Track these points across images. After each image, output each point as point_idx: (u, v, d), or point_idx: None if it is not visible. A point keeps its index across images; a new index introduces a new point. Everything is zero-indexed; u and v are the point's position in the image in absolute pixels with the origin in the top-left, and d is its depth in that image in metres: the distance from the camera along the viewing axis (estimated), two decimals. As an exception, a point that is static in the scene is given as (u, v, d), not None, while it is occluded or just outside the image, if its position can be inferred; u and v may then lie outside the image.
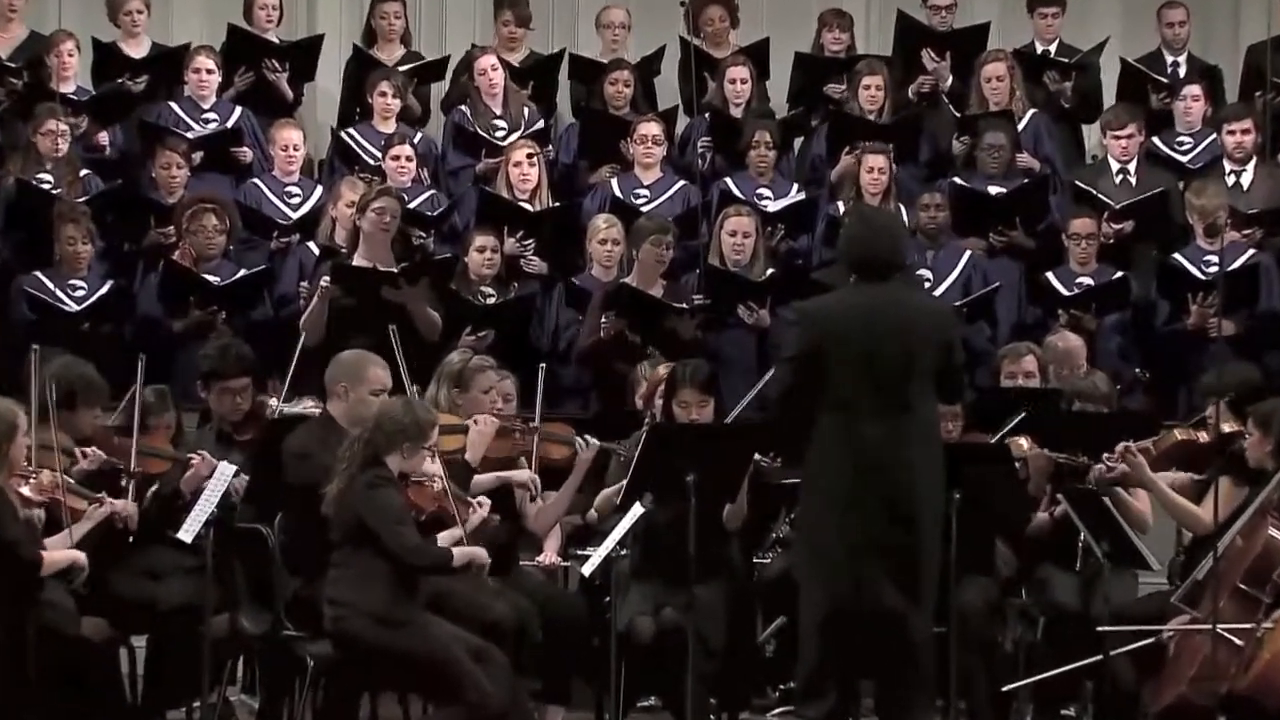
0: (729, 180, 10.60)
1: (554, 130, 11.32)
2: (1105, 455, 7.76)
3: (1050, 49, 11.35)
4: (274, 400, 8.05)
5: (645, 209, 10.31)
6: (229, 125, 10.79)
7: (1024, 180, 10.53)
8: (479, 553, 7.20)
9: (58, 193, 10.04)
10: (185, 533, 7.39)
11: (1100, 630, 7.49)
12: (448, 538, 7.26)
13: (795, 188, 10.65)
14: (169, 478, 7.65)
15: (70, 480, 7.23)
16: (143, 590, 7.55)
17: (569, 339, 9.75)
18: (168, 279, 9.69)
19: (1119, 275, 10.01)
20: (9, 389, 7.29)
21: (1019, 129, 10.75)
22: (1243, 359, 9.07)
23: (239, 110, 10.89)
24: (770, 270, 9.87)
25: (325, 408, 7.66)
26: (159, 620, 7.57)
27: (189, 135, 10.59)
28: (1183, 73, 11.23)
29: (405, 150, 10.34)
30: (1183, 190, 10.37)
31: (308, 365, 8.63)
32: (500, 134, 10.83)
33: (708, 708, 7.73)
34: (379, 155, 10.51)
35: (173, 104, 10.89)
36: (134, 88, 10.89)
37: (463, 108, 11.02)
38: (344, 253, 9.23)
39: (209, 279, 9.63)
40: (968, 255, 10.18)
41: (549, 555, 8.18)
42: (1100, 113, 11.00)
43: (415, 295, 8.95)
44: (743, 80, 11.01)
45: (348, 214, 9.52)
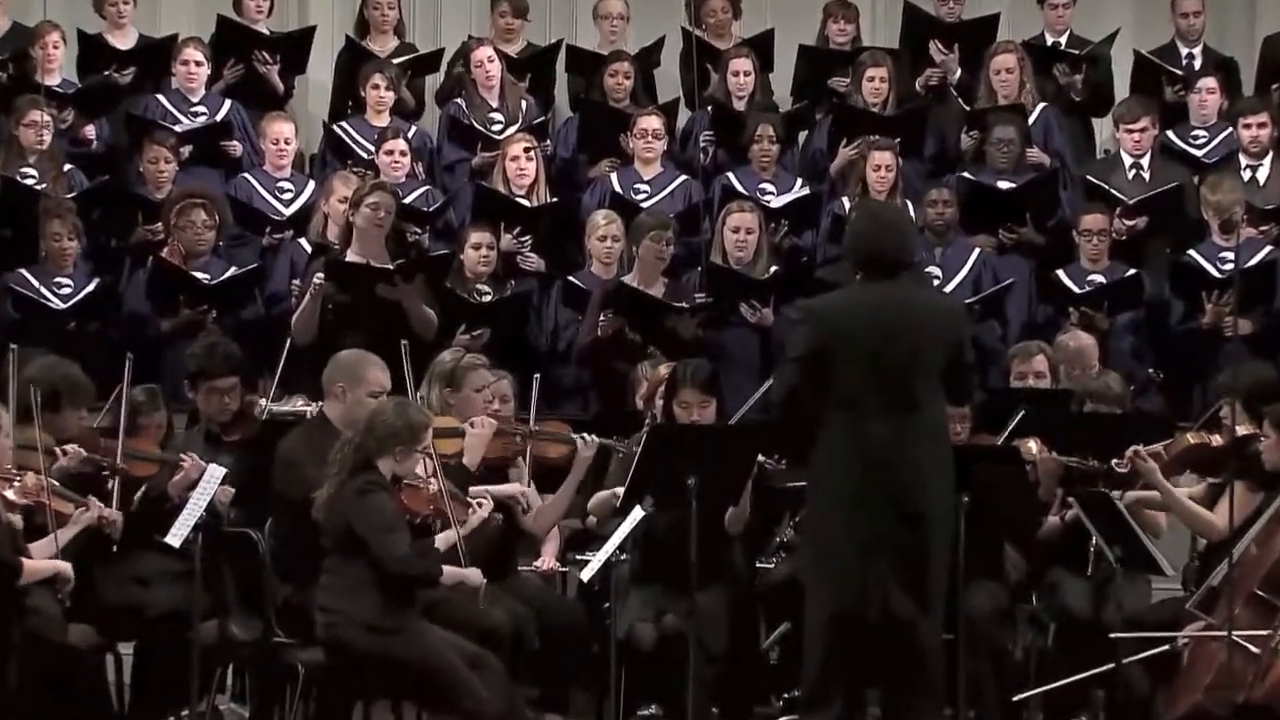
0: (731, 175, 10.58)
1: (552, 124, 11.30)
2: (1115, 461, 7.74)
3: (1061, 41, 11.33)
4: (263, 400, 8.03)
5: (645, 205, 10.30)
6: (218, 119, 10.78)
7: (1034, 176, 10.52)
8: (472, 575, 7.18)
9: (42, 188, 10.02)
10: (173, 537, 7.37)
11: (1113, 637, 7.48)
12: (444, 540, 7.25)
13: (799, 183, 10.63)
14: (157, 480, 7.64)
15: (55, 483, 7.21)
16: (130, 596, 7.53)
17: (568, 338, 9.74)
18: (156, 277, 9.67)
19: (1132, 273, 10.00)
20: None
21: (1028, 123, 10.73)
22: (1259, 358, 9.05)
23: (228, 103, 10.88)
24: (774, 268, 9.86)
25: (321, 408, 7.65)
26: (147, 627, 7.55)
27: (177, 129, 10.58)
28: (1197, 65, 11.21)
29: (399, 144, 10.33)
30: (1197, 185, 10.35)
31: (298, 364, 8.63)
32: (497, 127, 10.82)
33: (710, 717, 7.71)
34: (372, 149, 10.50)
35: (160, 97, 10.87)
36: (121, 80, 10.88)
37: (458, 100, 11.01)
38: (336, 249, 9.22)
39: (198, 277, 9.61)
40: (977, 252, 10.17)
41: (547, 560, 8.17)
42: (1112, 106, 11.00)
43: (410, 292, 8.94)
44: (746, 72, 11.00)
45: (340, 210, 9.50)
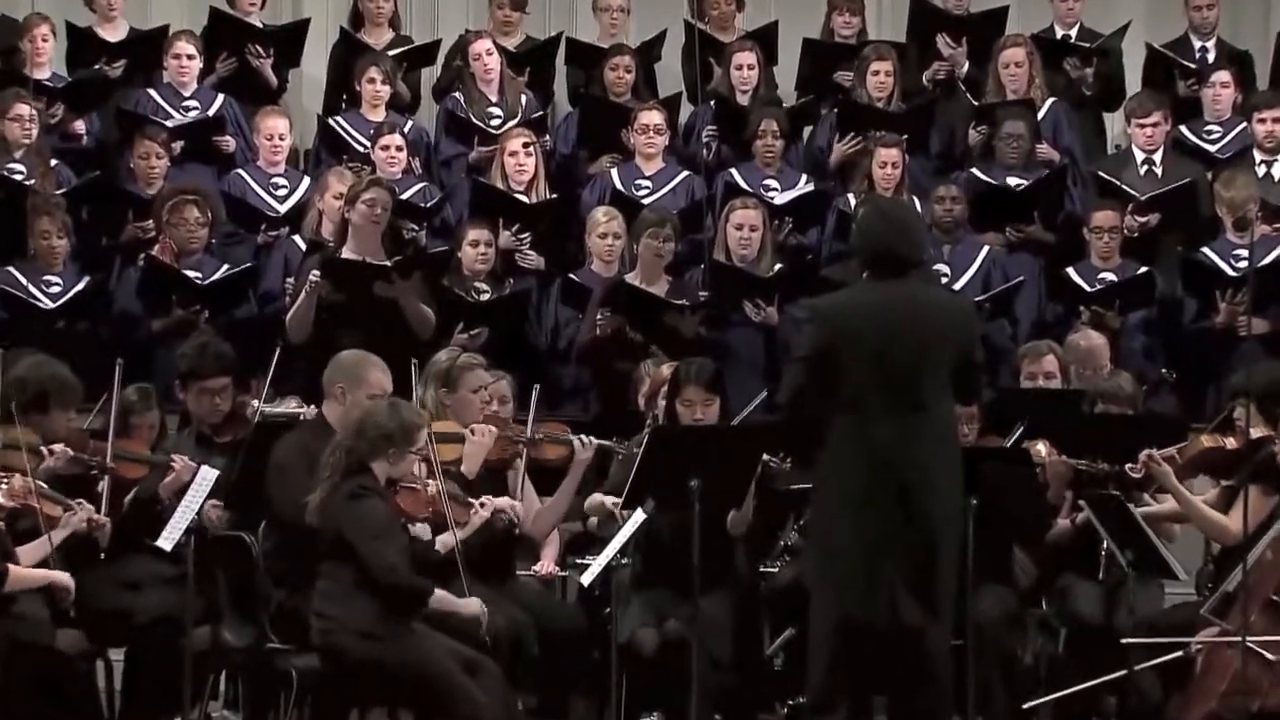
0: (735, 171, 10.57)
1: (551, 118, 11.29)
2: (1129, 466, 7.73)
3: (1071, 34, 11.32)
4: (255, 401, 8.02)
5: (647, 201, 10.29)
6: (210, 113, 10.76)
7: (1044, 172, 10.50)
8: (469, 605, 7.12)
9: (30, 184, 10.01)
10: (165, 540, 7.37)
11: (1124, 643, 7.47)
12: (444, 543, 7.23)
13: (804, 179, 10.62)
14: (148, 482, 7.63)
15: (44, 486, 7.20)
16: (120, 601, 7.52)
17: (568, 338, 9.73)
18: (148, 276, 9.65)
19: (1144, 271, 9.99)
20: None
21: (1038, 118, 10.72)
22: (1273, 359, 9.05)
23: (221, 98, 10.87)
24: (778, 266, 9.85)
25: (320, 410, 7.63)
26: (137, 632, 7.54)
27: (169, 124, 10.57)
28: (1211, 58, 11.21)
29: (396, 139, 10.32)
30: (1211, 181, 10.35)
31: (291, 364, 8.62)
32: (495, 122, 10.81)
33: (713, 724, 7.71)
34: (368, 144, 10.49)
35: (151, 91, 10.86)
36: (111, 73, 10.87)
37: (456, 94, 11.00)
38: (332, 246, 9.21)
39: (191, 276, 9.59)
40: (986, 250, 10.16)
41: (546, 564, 8.15)
42: (1124, 100, 10.98)
43: (407, 291, 8.93)
44: (750, 66, 10.99)
45: (335, 206, 9.49)
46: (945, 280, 9.91)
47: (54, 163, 10.29)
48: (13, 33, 10.83)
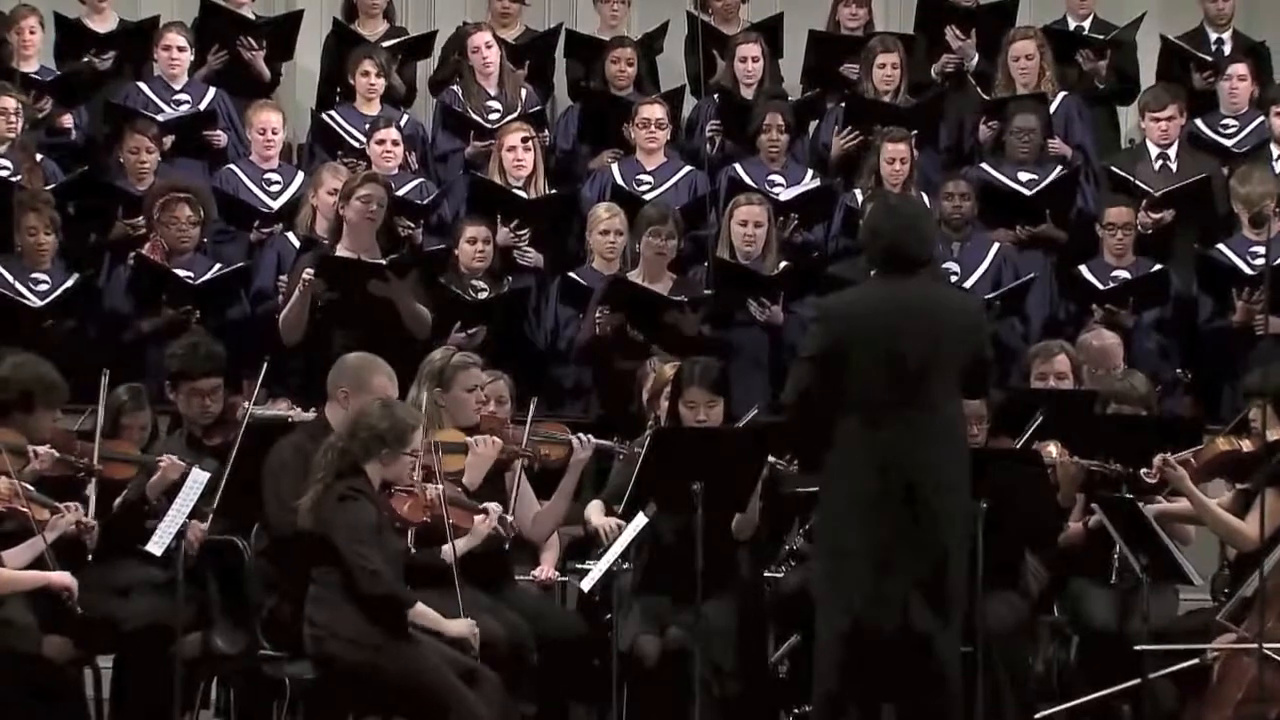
0: (739, 166, 10.57)
1: (551, 112, 11.28)
2: (1144, 471, 7.72)
3: (1084, 25, 11.32)
4: (245, 403, 8.01)
5: (648, 197, 10.27)
6: (202, 107, 10.76)
7: (1056, 169, 10.49)
8: (457, 626, 7.05)
9: (17, 180, 9.99)
10: (154, 545, 7.35)
11: (1138, 650, 7.45)
12: (449, 554, 7.20)
13: (810, 174, 10.62)
14: (137, 484, 7.61)
15: (31, 489, 7.19)
16: (109, 607, 7.51)
17: (568, 337, 9.71)
18: (138, 275, 9.63)
19: (1158, 268, 9.99)
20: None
21: (1050, 112, 10.71)
22: (1291, 358, 9.04)
23: (212, 91, 10.86)
24: (783, 263, 9.84)
25: (322, 412, 7.61)
26: (126, 639, 7.53)
27: (159, 118, 10.55)
28: (1227, 50, 11.21)
29: (391, 134, 10.31)
30: (1227, 176, 10.36)
31: (284, 365, 8.60)
32: (494, 116, 10.79)
33: (716, 734, 7.70)
34: (363, 139, 10.47)
35: (141, 84, 10.86)
36: (100, 66, 10.85)
37: (454, 88, 10.99)
38: (326, 244, 9.19)
39: (182, 276, 9.58)
40: (996, 247, 10.15)
41: (545, 569, 8.14)
42: (1138, 94, 10.97)
43: (403, 289, 8.92)
44: (754, 59, 10.99)
45: (330, 202, 9.48)
46: (955, 278, 9.90)
47: (40, 158, 10.27)
48: (1, 25, 10.81)
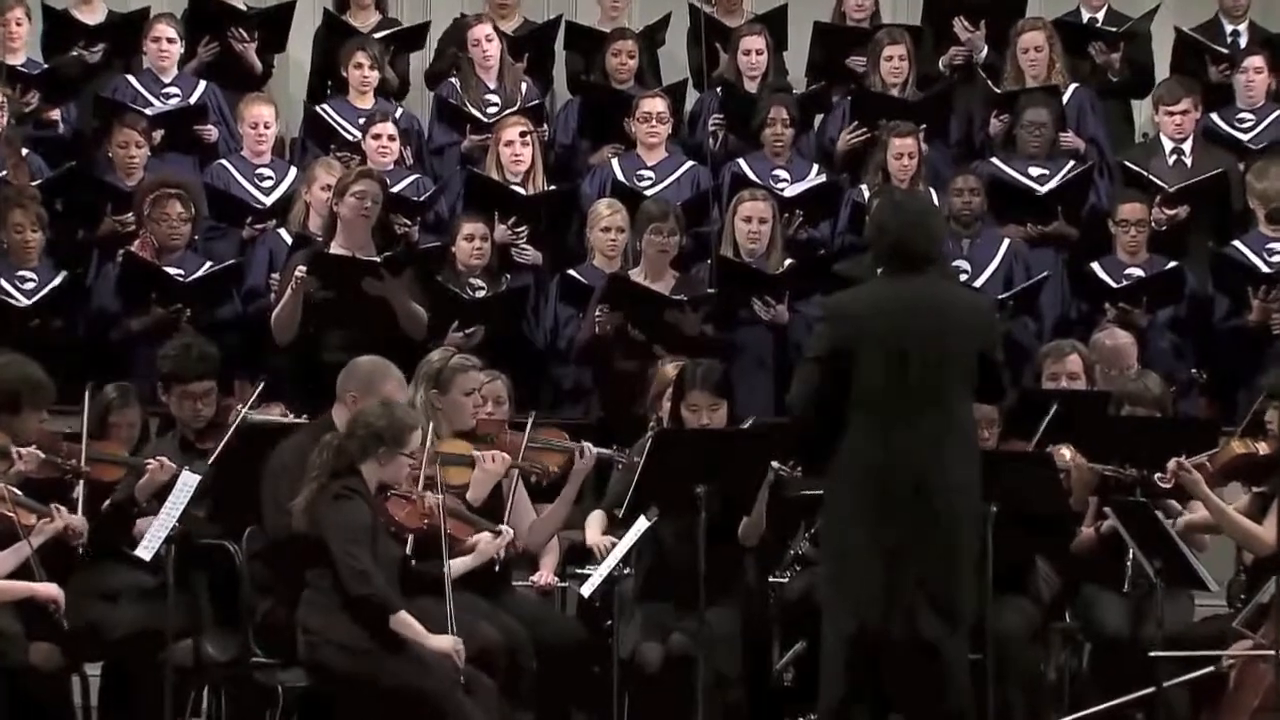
0: (742, 161, 10.56)
1: (550, 106, 11.27)
2: (1158, 475, 7.71)
3: (1097, 17, 11.31)
4: (239, 406, 8.00)
5: (649, 193, 10.26)
6: (192, 101, 10.75)
7: (1068, 163, 10.48)
8: (442, 642, 6.96)
9: (2, 175, 9.99)
10: (144, 549, 7.34)
11: (1152, 657, 7.45)
12: (464, 565, 7.19)
13: (815, 170, 10.61)
14: (126, 485, 7.61)
15: (17, 492, 7.18)
16: (97, 613, 7.51)
17: (568, 337, 9.71)
18: (127, 273, 9.63)
19: (1172, 266, 9.97)
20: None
21: (1062, 105, 10.71)
22: (1309, 359, 9.06)
23: (203, 84, 10.85)
24: (788, 261, 9.83)
25: (329, 414, 7.59)
26: (115, 647, 7.54)
27: (148, 112, 10.55)
28: (1243, 42, 11.20)
29: (387, 128, 10.29)
30: (1243, 172, 10.35)
31: (278, 365, 8.60)
32: (493, 110, 10.78)
33: (720, 743, 7.70)
34: (356, 133, 10.47)
35: (130, 77, 10.85)
36: (89, 58, 10.84)
37: (452, 80, 10.98)
38: (319, 241, 9.19)
39: (172, 274, 9.57)
40: (1007, 243, 10.14)
41: (544, 574, 8.14)
42: (1152, 87, 10.97)
43: (398, 288, 8.91)
44: (758, 51, 10.98)
45: (324, 199, 9.47)
46: (965, 277, 9.89)
47: (26, 153, 10.26)
48: (-14, 16, 10.83)
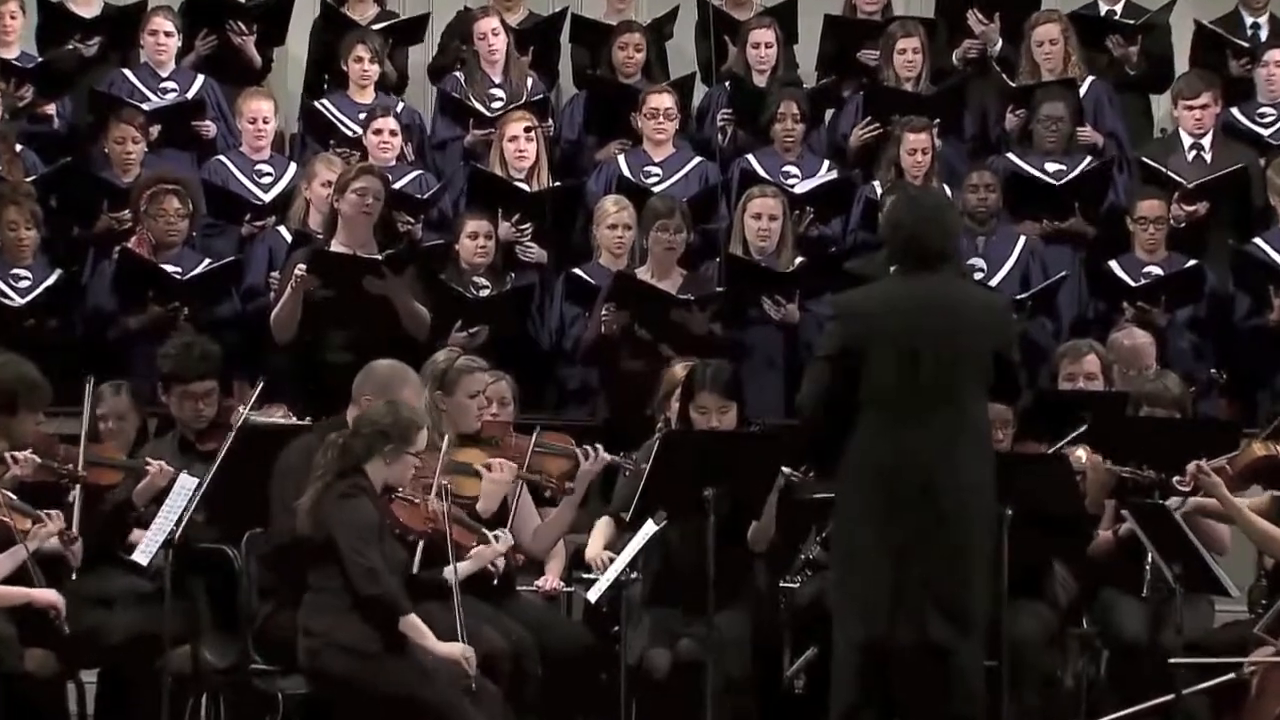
0: (752, 157, 10.56)
1: (556, 101, 11.27)
2: (1176, 479, 7.71)
3: (1116, 9, 11.29)
4: (241, 407, 8.01)
5: (657, 189, 10.25)
6: (190, 95, 10.76)
7: (1086, 159, 10.48)
8: (451, 650, 6.96)
9: (-4, 171, 10.03)
10: (141, 554, 7.36)
11: (1172, 663, 7.45)
12: (462, 571, 7.20)
13: (826, 166, 10.61)
14: (123, 489, 7.62)
15: (12, 497, 7.19)
16: (93, 619, 7.51)
17: (574, 337, 9.71)
18: (123, 270, 9.64)
19: (1192, 264, 9.97)
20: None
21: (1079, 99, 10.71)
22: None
23: (201, 79, 10.87)
24: (799, 259, 9.83)
25: (343, 415, 7.60)
26: (111, 653, 7.55)
27: (145, 106, 10.56)
28: (1264, 35, 11.19)
29: (389, 123, 10.30)
30: (1264, 167, 10.33)
31: (278, 365, 8.61)
32: (497, 105, 10.78)
33: (729, 751, 7.71)
34: (356, 128, 10.47)
35: (127, 71, 10.86)
36: (85, 52, 10.85)
37: (457, 74, 10.98)
38: (320, 239, 9.20)
39: (170, 271, 9.58)
40: (1023, 241, 10.14)
41: (550, 579, 8.14)
42: (1170, 81, 10.96)
43: (400, 286, 8.91)
44: (768, 45, 10.98)
45: (324, 195, 9.48)
46: (981, 275, 9.88)
47: (20, 148, 10.27)
48: (-21, 9, 10.84)
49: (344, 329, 8.70)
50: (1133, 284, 9.87)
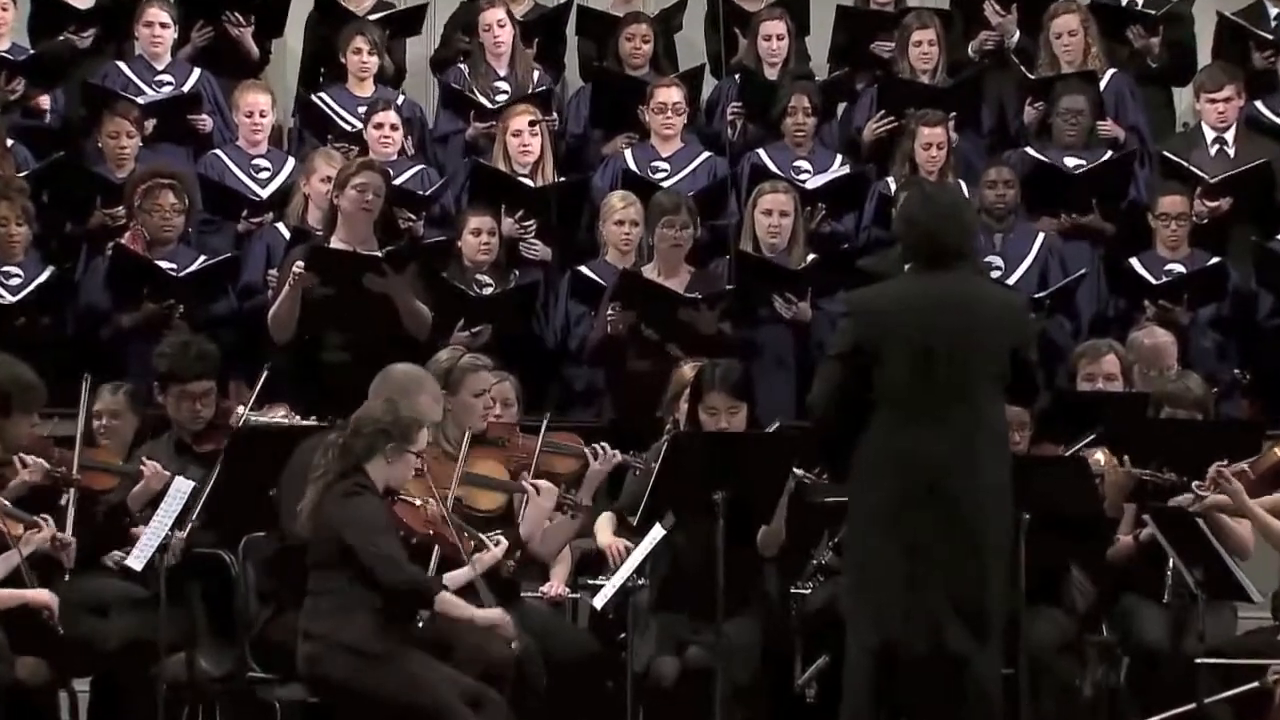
0: (762, 152, 10.57)
1: (561, 94, 11.27)
2: (1196, 484, 7.71)
3: (1137, 0, 11.28)
4: (240, 407, 8.02)
5: (665, 184, 10.25)
6: (186, 89, 10.76)
7: (1106, 153, 10.47)
8: (491, 615, 7.06)
9: (-16, 165, 10.04)
10: (135, 559, 7.36)
11: (1196, 665, 7.45)
12: (455, 579, 7.21)
13: (839, 160, 10.61)
14: (118, 494, 7.62)
15: (5, 502, 7.20)
16: (86, 626, 7.52)
17: (579, 336, 9.71)
18: (117, 267, 9.65)
19: (1215, 261, 9.97)
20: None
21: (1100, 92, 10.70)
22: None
23: (197, 71, 10.87)
24: (811, 256, 9.83)
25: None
26: (105, 660, 7.55)
27: (140, 100, 10.56)
28: (1288, 27, 11.20)
29: (390, 117, 10.30)
30: (1288, 162, 10.35)
31: (276, 364, 8.61)
32: (502, 98, 10.78)
33: (738, 760, 7.71)
34: (356, 122, 10.48)
35: (121, 64, 10.86)
36: (79, 43, 10.86)
37: (460, 66, 10.98)
38: (319, 235, 9.20)
39: (165, 268, 9.59)
40: (1041, 238, 10.14)
41: (555, 585, 8.14)
42: (1193, 73, 10.96)
43: (401, 284, 8.92)
44: (779, 36, 10.98)
45: (323, 191, 9.49)
46: (998, 274, 9.88)
47: (11, 143, 10.28)
48: (-30, 0, 10.84)
49: (343, 328, 8.71)
50: (1154, 282, 9.87)
